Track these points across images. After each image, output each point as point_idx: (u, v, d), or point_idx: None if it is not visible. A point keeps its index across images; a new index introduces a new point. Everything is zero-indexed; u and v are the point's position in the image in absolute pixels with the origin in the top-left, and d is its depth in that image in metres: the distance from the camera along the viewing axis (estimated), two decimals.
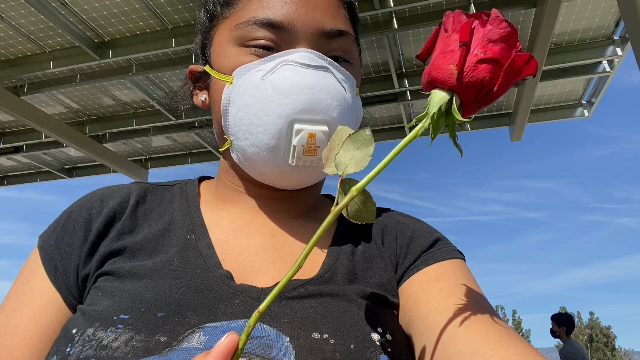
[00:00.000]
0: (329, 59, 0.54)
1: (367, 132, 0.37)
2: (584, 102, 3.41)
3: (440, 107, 0.35)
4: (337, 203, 0.36)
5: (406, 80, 3.04)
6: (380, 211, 0.64)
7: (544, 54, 2.56)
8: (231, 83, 0.54)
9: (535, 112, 3.47)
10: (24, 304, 0.50)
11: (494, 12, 0.35)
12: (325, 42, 0.55)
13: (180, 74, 3.01)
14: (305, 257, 0.35)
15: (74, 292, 0.52)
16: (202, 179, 0.65)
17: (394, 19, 2.53)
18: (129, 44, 2.69)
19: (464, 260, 0.57)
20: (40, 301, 0.51)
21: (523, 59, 0.35)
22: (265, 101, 0.50)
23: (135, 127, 3.56)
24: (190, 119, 3.34)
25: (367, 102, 0.69)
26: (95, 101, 3.36)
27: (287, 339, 0.44)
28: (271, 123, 0.50)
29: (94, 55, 2.69)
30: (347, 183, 0.37)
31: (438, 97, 0.36)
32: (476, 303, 0.47)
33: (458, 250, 0.57)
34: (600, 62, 2.88)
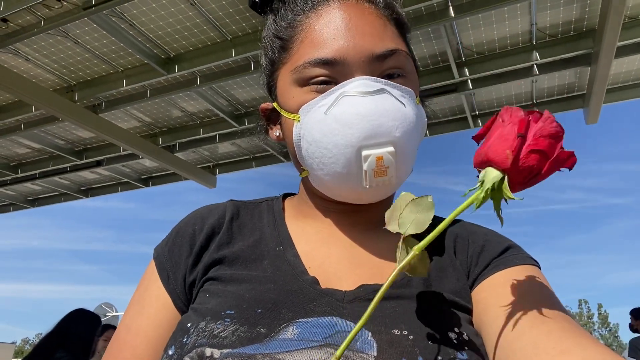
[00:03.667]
0: (384, 80, 0.57)
1: (430, 199, 0.44)
2: None
3: (494, 184, 0.42)
4: (399, 259, 0.44)
5: (466, 69, 2.95)
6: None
7: (618, 29, 2.39)
8: (299, 121, 0.58)
9: (611, 92, 3.24)
10: (144, 309, 0.59)
11: (547, 112, 0.41)
12: (378, 64, 0.57)
13: (241, 82, 3.12)
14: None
15: (182, 297, 0.59)
16: (285, 195, 0.72)
17: (450, 7, 2.46)
18: (193, 58, 2.83)
19: (539, 267, 0.57)
20: (156, 306, 0.59)
21: (566, 155, 0.41)
22: (332, 134, 0.54)
23: (202, 135, 3.73)
24: (252, 125, 3.44)
25: (426, 94, 0.69)
26: (165, 114, 3.56)
27: (370, 334, 0.48)
28: (341, 154, 0.54)
29: (161, 70, 2.85)
30: (408, 242, 0.43)
31: (493, 175, 0.42)
32: (544, 305, 0.48)
33: (531, 258, 0.58)
34: None
